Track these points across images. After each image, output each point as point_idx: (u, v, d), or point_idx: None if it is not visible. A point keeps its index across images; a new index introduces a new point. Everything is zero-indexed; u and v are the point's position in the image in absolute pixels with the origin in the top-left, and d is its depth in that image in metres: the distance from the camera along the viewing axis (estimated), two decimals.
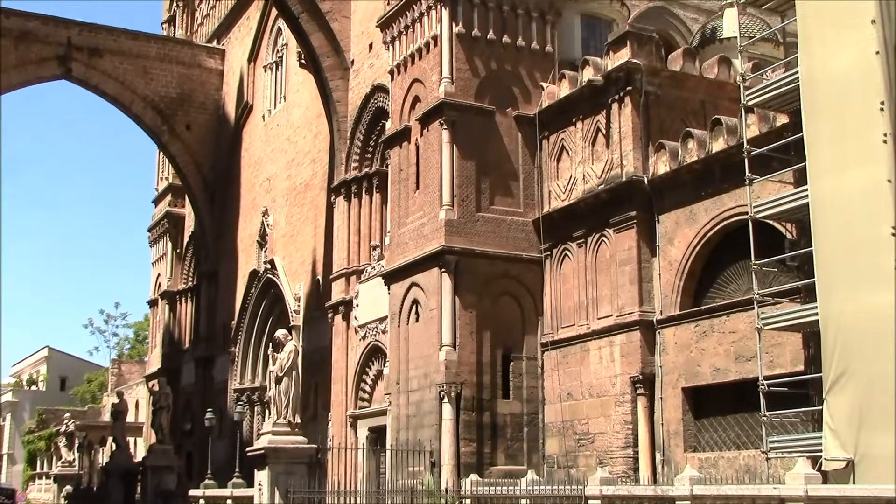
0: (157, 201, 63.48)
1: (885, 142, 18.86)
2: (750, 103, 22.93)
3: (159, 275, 62.48)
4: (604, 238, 27.69)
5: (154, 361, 62.08)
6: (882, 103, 18.96)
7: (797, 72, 21.01)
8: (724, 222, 24.63)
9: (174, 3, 61.08)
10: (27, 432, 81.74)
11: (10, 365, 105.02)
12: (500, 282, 29.56)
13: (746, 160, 22.49)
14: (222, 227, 53.37)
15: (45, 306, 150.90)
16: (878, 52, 19.16)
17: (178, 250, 59.94)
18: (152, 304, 63.79)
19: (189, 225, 58.23)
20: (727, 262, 25.00)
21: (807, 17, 20.91)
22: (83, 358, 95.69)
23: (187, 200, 57.24)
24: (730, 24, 31.74)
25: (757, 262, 22.05)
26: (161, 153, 59.24)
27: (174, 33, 59.70)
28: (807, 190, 20.35)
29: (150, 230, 64.03)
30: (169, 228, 60.19)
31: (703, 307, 25.24)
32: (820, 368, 19.52)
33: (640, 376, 25.94)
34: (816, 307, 19.72)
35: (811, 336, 21.02)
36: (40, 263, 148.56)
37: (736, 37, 26.17)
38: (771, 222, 22.62)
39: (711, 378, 24.44)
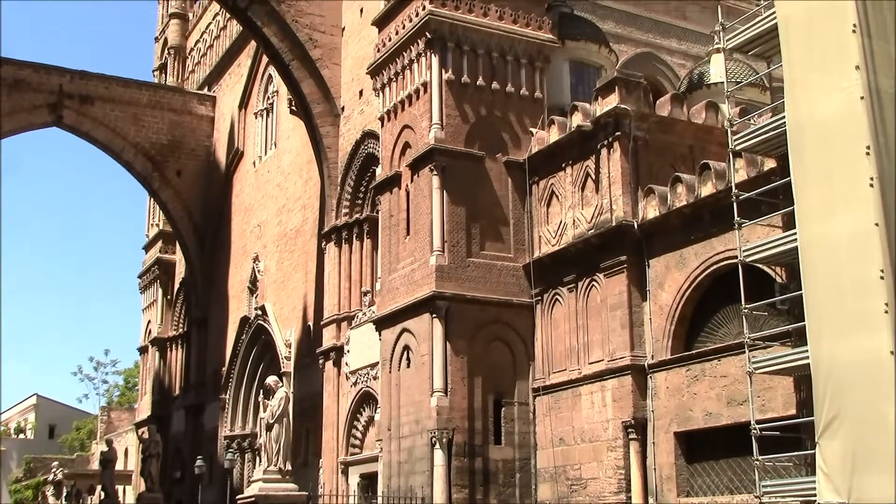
0: (147, 248, 63.47)
1: (871, 185, 18.98)
2: (738, 148, 23.09)
3: (149, 321, 62.32)
4: (594, 283, 27.73)
5: (144, 409, 61.72)
6: (868, 148, 19.11)
7: (784, 117, 21.19)
8: (714, 266, 24.68)
9: (166, 51, 61.48)
10: (14, 481, 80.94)
11: None
12: (491, 327, 29.52)
13: (735, 204, 22.61)
14: (213, 274, 53.34)
15: (34, 353, 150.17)
16: (862, 98, 19.36)
17: (168, 297, 59.86)
18: (142, 350, 63.57)
19: (180, 271, 58.19)
20: (718, 306, 25.02)
21: (792, 63, 21.14)
22: (72, 405, 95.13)
23: (178, 247, 57.26)
24: (717, 69, 32.05)
25: (747, 305, 22.09)
26: (152, 200, 59.35)
27: (165, 80, 60.04)
28: (795, 234, 20.44)
29: (140, 277, 63.95)
30: (159, 275, 60.13)
31: (694, 351, 25.23)
32: (812, 412, 19.48)
33: (632, 421, 25.85)
34: (807, 351, 19.73)
35: (803, 380, 21.01)
36: (29, 310, 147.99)
37: (723, 82, 26.42)
38: (761, 266, 22.69)
39: (704, 422, 24.38)
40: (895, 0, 20.50)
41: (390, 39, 32.73)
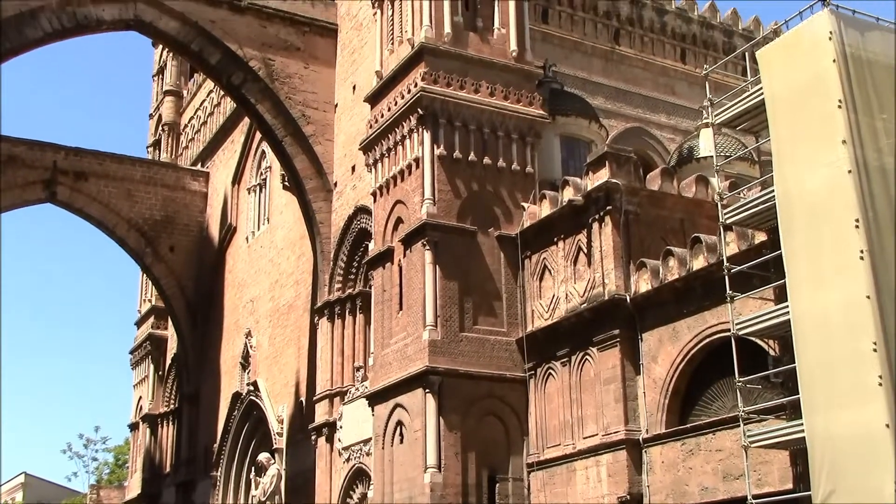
0: (139, 323, 63.25)
1: (861, 258, 19.13)
2: (728, 222, 23.26)
3: (141, 397, 61.87)
4: (588, 357, 27.68)
5: (134, 486, 60.96)
6: (857, 221, 19.30)
7: (773, 190, 21.41)
8: (707, 339, 24.67)
9: (160, 127, 61.95)
10: None
11: None
12: (484, 402, 29.38)
13: (727, 278, 22.71)
14: (205, 349, 53.11)
15: (23, 431, 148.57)
16: (850, 172, 19.59)
17: (160, 373, 59.51)
18: (133, 427, 62.99)
19: (171, 347, 57.93)
20: (712, 380, 24.96)
21: (779, 138, 21.42)
22: (61, 484, 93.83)
23: (170, 322, 57.07)
24: (706, 143, 32.40)
25: (741, 379, 22.07)
26: (144, 275, 59.32)
27: (159, 156, 60.39)
28: (787, 307, 20.51)
29: (132, 352, 63.65)
30: (151, 350, 59.85)
31: (689, 425, 25.09)
32: (809, 486, 19.38)
33: (628, 496, 25.60)
34: (802, 424, 19.67)
35: (799, 453, 20.89)
36: (18, 386, 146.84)
37: (712, 156, 26.72)
38: (754, 339, 22.70)
39: (700, 497, 24.15)
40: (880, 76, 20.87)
41: (382, 116, 33.07)
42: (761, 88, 22.21)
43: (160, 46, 60.64)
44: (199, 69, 48.77)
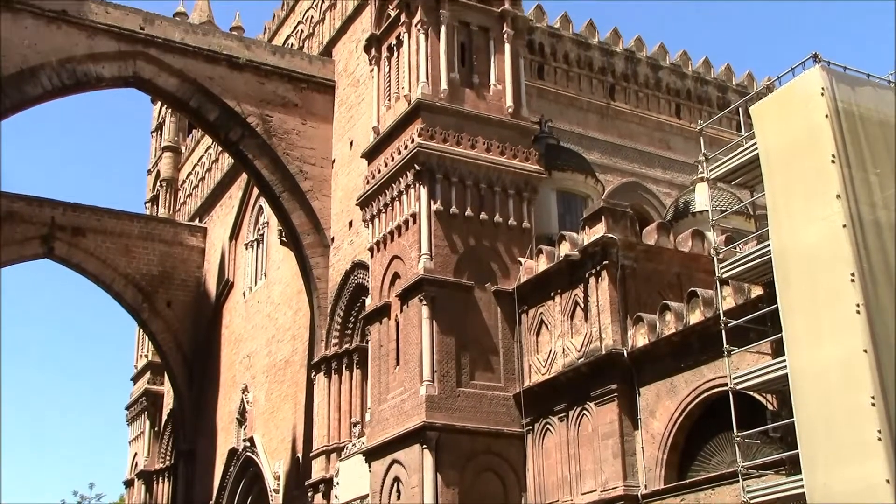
0: (135, 379, 62.97)
1: (858, 312, 19.16)
2: (724, 276, 23.31)
3: (136, 454, 61.37)
4: (585, 412, 27.56)
5: None
6: (852, 275, 19.36)
7: (768, 245, 21.49)
8: (705, 394, 24.59)
9: (158, 183, 62.18)
10: None
11: None
12: (482, 458, 29.19)
13: (724, 332, 22.72)
14: (201, 405, 52.83)
15: (17, 486, 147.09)
16: (844, 226, 19.69)
17: (156, 429, 59.12)
18: (128, 484, 62.38)
19: (168, 403, 57.62)
20: (710, 434, 24.85)
21: (774, 192, 21.54)
22: None
23: (166, 378, 56.83)
24: (701, 198, 32.54)
25: (739, 434, 21.99)
26: (141, 330, 59.17)
27: (157, 212, 60.55)
28: (785, 361, 20.49)
29: (127, 408, 63.27)
30: (147, 406, 59.51)
31: (687, 481, 24.92)
32: None
33: None
34: (802, 480, 19.56)
35: None
36: (12, 441, 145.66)
37: (708, 211, 26.84)
38: (752, 393, 22.62)
39: None
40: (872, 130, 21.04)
41: (379, 171, 33.23)
42: (755, 143, 22.39)
43: (159, 103, 61.05)
44: (198, 125, 49.07)
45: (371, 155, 34.17)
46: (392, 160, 32.46)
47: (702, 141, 25.31)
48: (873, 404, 18.46)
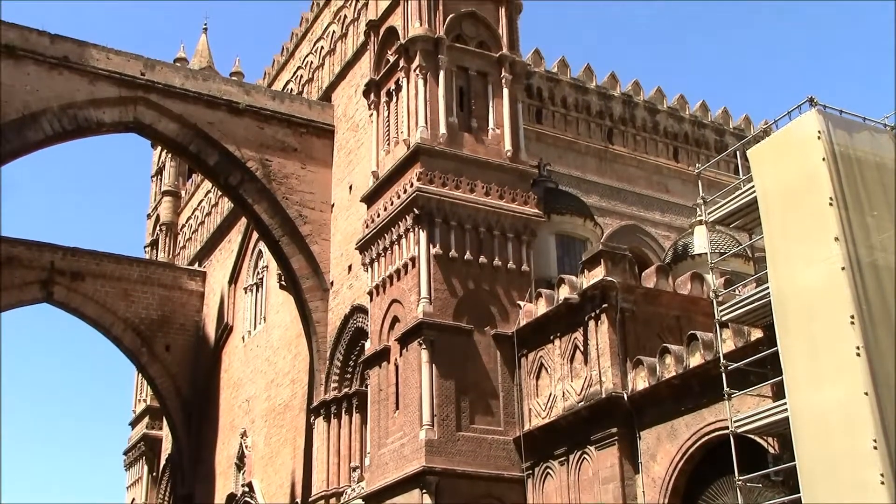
0: (133, 423, 62.70)
1: (858, 355, 19.12)
2: (724, 318, 23.28)
3: (134, 499, 60.96)
4: (586, 455, 27.42)
5: None
6: (852, 317, 19.34)
7: (768, 287, 21.48)
8: (706, 437, 24.46)
9: (157, 227, 62.31)
10: None
11: None
12: (482, 502, 28.98)
13: (724, 375, 22.65)
14: (200, 450, 52.55)
15: None
16: (843, 268, 19.71)
17: (154, 474, 58.78)
18: None
19: (166, 447, 57.33)
20: (711, 478, 24.67)
21: (772, 235, 21.59)
22: None
23: (165, 423, 56.58)
24: (700, 240, 32.56)
25: (741, 477, 21.86)
26: (140, 375, 58.99)
27: (156, 256, 60.61)
28: (785, 404, 20.42)
29: (125, 453, 62.94)
30: (145, 451, 59.23)
31: None
32: None
33: None
34: None
35: None
36: (8, 487, 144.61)
37: (707, 253, 26.86)
38: (753, 437, 22.52)
39: None
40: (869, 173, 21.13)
41: (378, 215, 33.32)
42: (753, 186, 22.46)
43: (159, 147, 61.34)
44: (198, 170, 49.29)
45: (370, 199, 34.28)
46: (391, 204, 32.56)
47: (700, 184, 25.37)
48: (875, 447, 18.38)
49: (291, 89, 46.91)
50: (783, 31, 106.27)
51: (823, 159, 20.79)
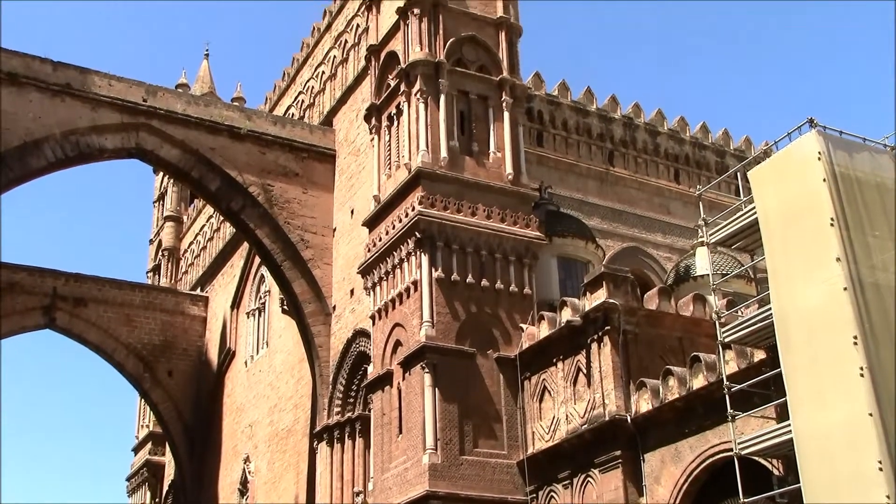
0: (136, 449, 62.55)
1: (861, 375, 19.08)
2: (727, 340, 23.24)
3: None
4: (590, 479, 27.32)
5: None
6: (855, 338, 19.32)
7: (770, 308, 21.46)
8: (710, 459, 24.38)
9: (160, 253, 62.37)
10: None
11: None
12: None
13: (727, 397, 22.59)
14: (203, 475, 52.37)
15: None
16: (845, 289, 19.69)
17: (157, 500, 58.58)
18: None
19: (169, 473, 57.16)
20: (716, 501, 24.55)
21: (774, 256, 21.59)
22: None
23: (167, 448, 56.45)
24: (702, 262, 32.57)
25: (746, 500, 21.76)
26: (142, 400, 58.90)
27: (159, 281, 60.64)
28: (789, 425, 20.36)
29: (128, 479, 62.76)
30: (148, 477, 59.05)
31: None
32: None
33: None
34: None
35: None
36: None
37: (709, 274, 26.83)
38: (757, 459, 22.45)
39: None
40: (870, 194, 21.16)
41: (380, 239, 33.35)
42: (754, 208, 22.48)
43: (161, 173, 61.45)
44: (199, 195, 49.39)
45: (372, 223, 34.34)
46: (393, 228, 32.60)
47: (701, 206, 25.40)
48: (880, 469, 18.31)
49: (293, 114, 47.07)
50: (782, 52, 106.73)
51: (824, 180, 20.83)
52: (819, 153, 21.06)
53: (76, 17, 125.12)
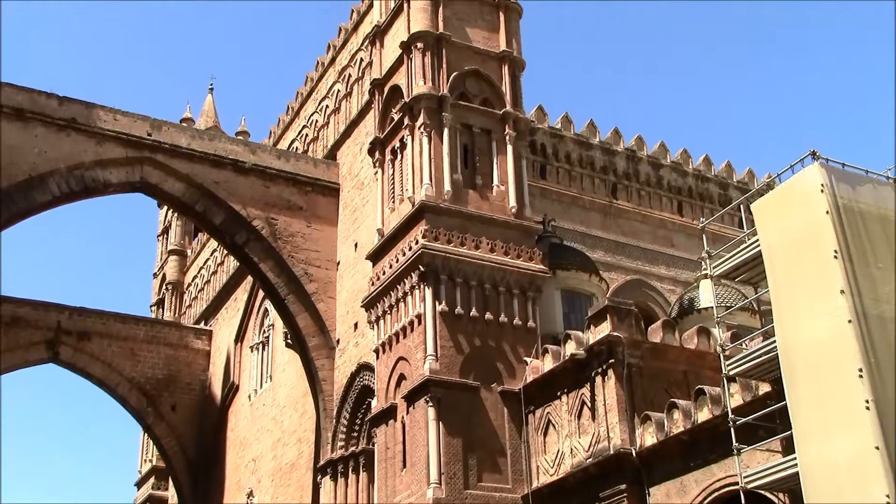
0: (139, 484, 62.20)
1: (867, 408, 18.99)
2: (731, 373, 23.17)
3: None
4: None
5: None
6: (860, 370, 19.24)
7: (774, 341, 21.40)
8: (716, 493, 24.20)
9: (163, 286, 62.38)
10: None
11: None
12: None
13: (733, 430, 22.47)
14: None
15: None
16: (850, 321, 19.64)
17: None
18: None
19: None
20: None
21: (778, 289, 21.55)
22: None
23: (171, 483, 56.14)
24: (706, 294, 32.53)
25: None
26: (145, 435, 58.67)
27: (163, 315, 60.59)
28: (795, 458, 20.24)
29: None
30: None
31: None
32: None
33: None
34: None
35: None
36: None
37: (713, 307, 26.78)
38: (763, 492, 22.30)
39: None
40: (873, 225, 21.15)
41: (384, 273, 33.36)
42: (758, 240, 22.48)
43: (165, 207, 61.58)
44: (203, 229, 49.44)
45: (376, 256, 34.36)
46: (397, 261, 32.62)
47: (704, 238, 25.43)
48: (889, 502, 18.18)
49: (297, 148, 47.23)
50: (785, 84, 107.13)
51: (827, 212, 20.84)
52: (822, 185, 21.09)
53: (82, 52, 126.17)
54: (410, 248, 31.88)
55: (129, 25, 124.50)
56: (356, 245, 39.52)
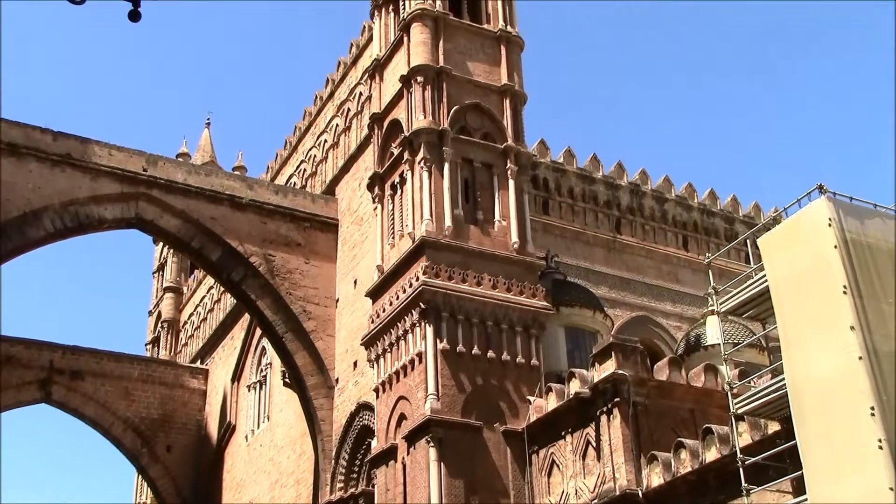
0: None
1: (880, 447, 18.46)
2: (739, 411, 22.65)
3: None
4: None
5: None
6: (872, 409, 18.74)
7: (783, 378, 20.90)
8: None
9: (159, 324, 61.89)
10: None
11: None
12: None
13: (741, 470, 21.95)
14: None
15: None
16: (861, 358, 19.16)
17: None
18: None
19: None
20: None
21: (786, 325, 21.09)
22: None
23: None
24: (713, 331, 32.07)
25: None
26: (139, 476, 57.91)
27: (158, 354, 60.06)
28: (807, 499, 19.72)
29: None
30: None
31: None
32: None
33: None
34: None
35: None
36: None
37: (720, 344, 26.31)
38: None
39: None
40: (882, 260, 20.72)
41: (384, 310, 32.87)
42: (765, 275, 22.05)
43: (161, 243, 61.23)
44: (200, 266, 49.04)
45: (375, 294, 33.88)
46: (397, 298, 32.13)
47: (710, 274, 25.06)
48: None
49: (295, 183, 46.92)
50: (791, 117, 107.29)
51: (835, 247, 20.44)
52: (829, 220, 20.70)
53: (77, 87, 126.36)
54: (411, 285, 31.40)
55: (125, 60, 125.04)
56: (355, 282, 39.07)
